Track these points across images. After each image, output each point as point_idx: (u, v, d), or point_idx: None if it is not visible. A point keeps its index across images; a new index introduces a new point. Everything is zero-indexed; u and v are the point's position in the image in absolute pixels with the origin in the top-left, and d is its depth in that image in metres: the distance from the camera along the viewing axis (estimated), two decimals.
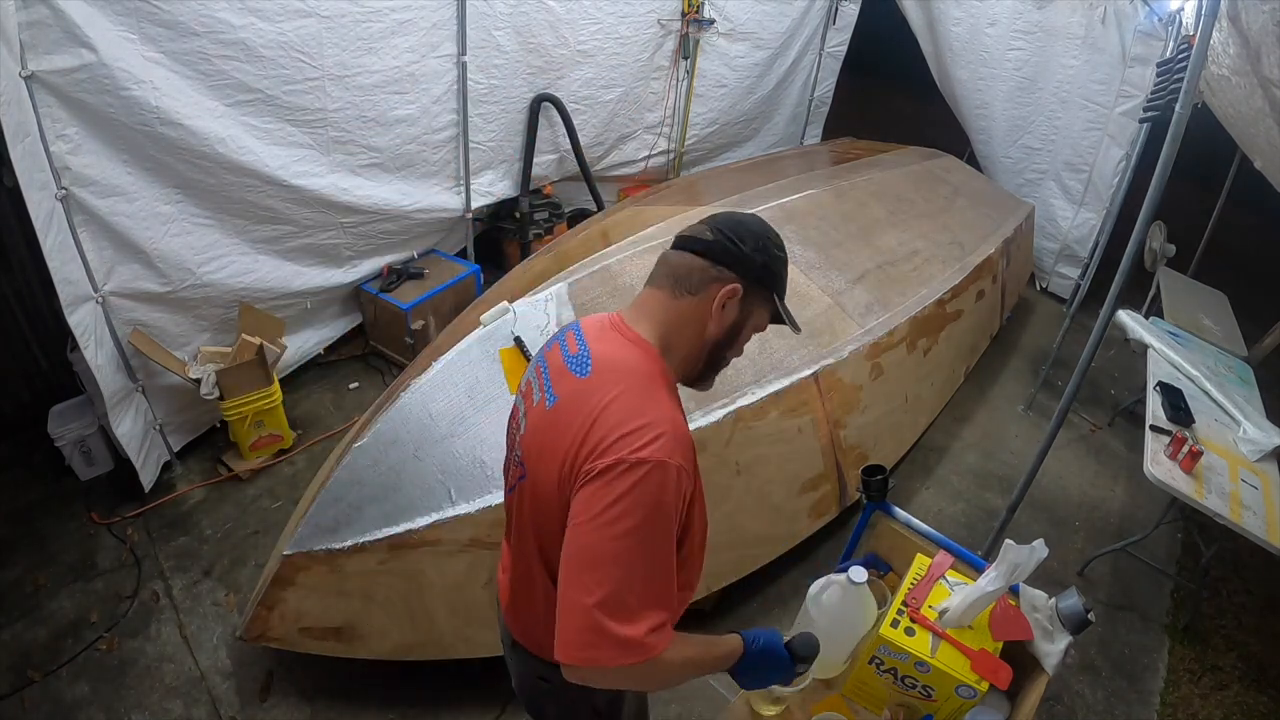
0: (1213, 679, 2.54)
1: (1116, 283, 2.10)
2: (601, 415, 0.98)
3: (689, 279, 1.09)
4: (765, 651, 1.15)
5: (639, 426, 0.96)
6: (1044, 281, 4.99)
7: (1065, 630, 1.44)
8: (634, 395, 1.00)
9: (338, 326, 3.50)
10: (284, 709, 2.12)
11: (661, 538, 0.96)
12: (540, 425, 1.08)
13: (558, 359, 1.12)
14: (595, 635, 0.91)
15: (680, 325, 1.10)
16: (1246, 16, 1.89)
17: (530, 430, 1.12)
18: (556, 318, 2.28)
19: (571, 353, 1.10)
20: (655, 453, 0.94)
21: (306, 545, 1.93)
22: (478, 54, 3.32)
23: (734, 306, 1.10)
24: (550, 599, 1.01)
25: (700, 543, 1.14)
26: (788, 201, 3.13)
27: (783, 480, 2.39)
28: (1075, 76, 4.27)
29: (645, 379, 1.05)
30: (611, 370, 1.04)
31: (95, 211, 2.30)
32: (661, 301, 1.11)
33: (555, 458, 1.01)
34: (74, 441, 2.67)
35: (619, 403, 0.99)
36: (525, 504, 1.11)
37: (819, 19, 5.07)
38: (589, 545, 0.94)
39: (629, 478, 0.93)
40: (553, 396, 1.08)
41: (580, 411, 1.00)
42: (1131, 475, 3.43)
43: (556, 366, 1.11)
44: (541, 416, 1.09)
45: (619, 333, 1.11)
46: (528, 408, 1.16)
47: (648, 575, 0.95)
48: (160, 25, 2.26)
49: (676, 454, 0.97)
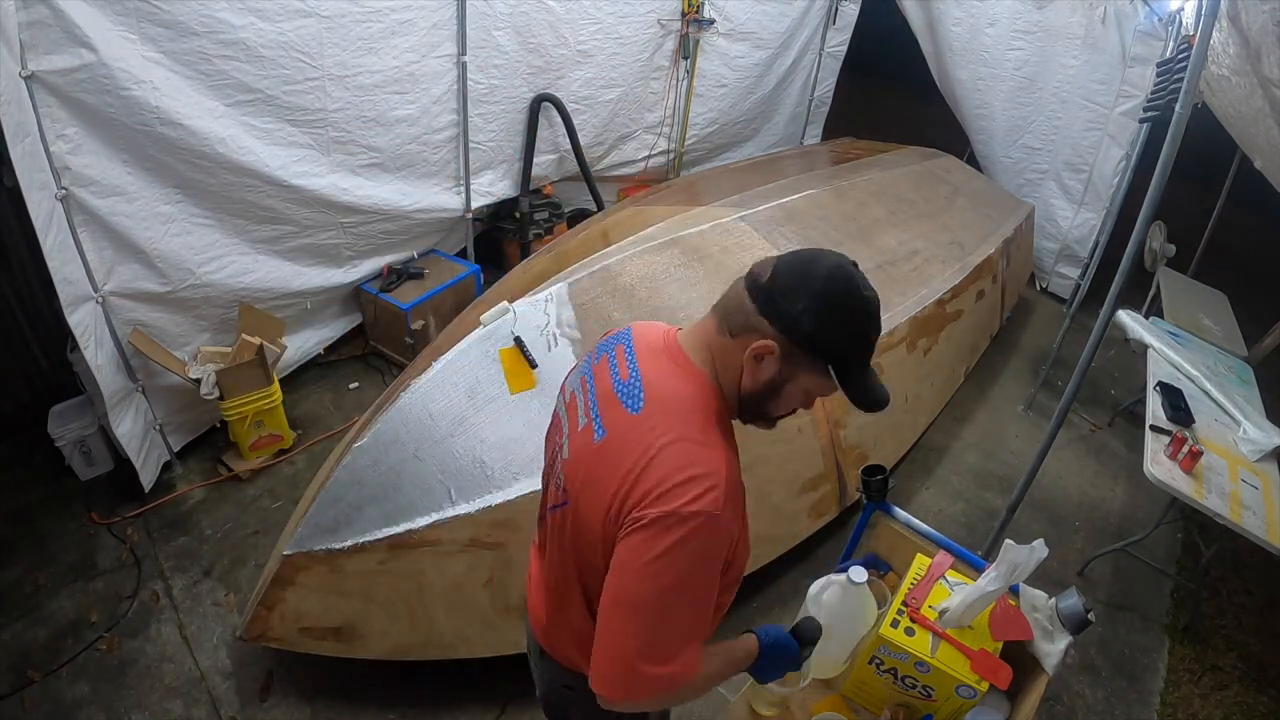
0: (1213, 679, 2.54)
1: (1116, 283, 2.10)
2: (654, 462, 0.94)
3: (732, 318, 1.00)
4: (776, 644, 1.17)
5: (692, 478, 0.92)
6: (1044, 281, 4.99)
7: (1065, 630, 1.44)
8: (688, 443, 0.95)
9: (338, 326, 3.50)
10: (284, 709, 2.12)
11: (706, 583, 0.96)
12: (586, 457, 1.04)
13: (607, 382, 1.06)
14: (634, 677, 0.93)
15: (724, 363, 1.02)
16: (1246, 16, 1.89)
17: (574, 458, 1.07)
18: (556, 318, 2.28)
19: (622, 378, 1.04)
20: (707, 506, 0.91)
21: (306, 545, 1.93)
22: (478, 54, 3.32)
23: (771, 363, 0.97)
24: (586, 622, 1.06)
25: (741, 566, 1.12)
26: (788, 201, 3.13)
27: (783, 480, 2.39)
28: (1075, 76, 4.27)
29: (701, 420, 0.98)
30: (665, 409, 0.99)
31: (95, 211, 2.30)
32: (710, 331, 1.03)
33: (602, 495, 0.98)
34: (74, 441, 2.67)
35: (673, 450, 0.94)
36: (567, 530, 1.09)
37: (819, 19, 5.07)
38: (634, 592, 0.93)
39: (678, 530, 0.91)
40: (601, 430, 1.02)
41: (631, 453, 0.96)
42: (1131, 475, 3.43)
43: (605, 392, 1.05)
44: (588, 448, 1.03)
45: (673, 359, 1.04)
46: (571, 429, 1.10)
47: (690, 618, 0.96)
48: (160, 25, 2.26)
49: (728, 507, 0.94)
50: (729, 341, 1.00)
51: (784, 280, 0.95)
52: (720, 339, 1.02)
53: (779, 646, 1.17)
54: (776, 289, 0.96)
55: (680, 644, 0.94)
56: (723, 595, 1.07)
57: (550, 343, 2.22)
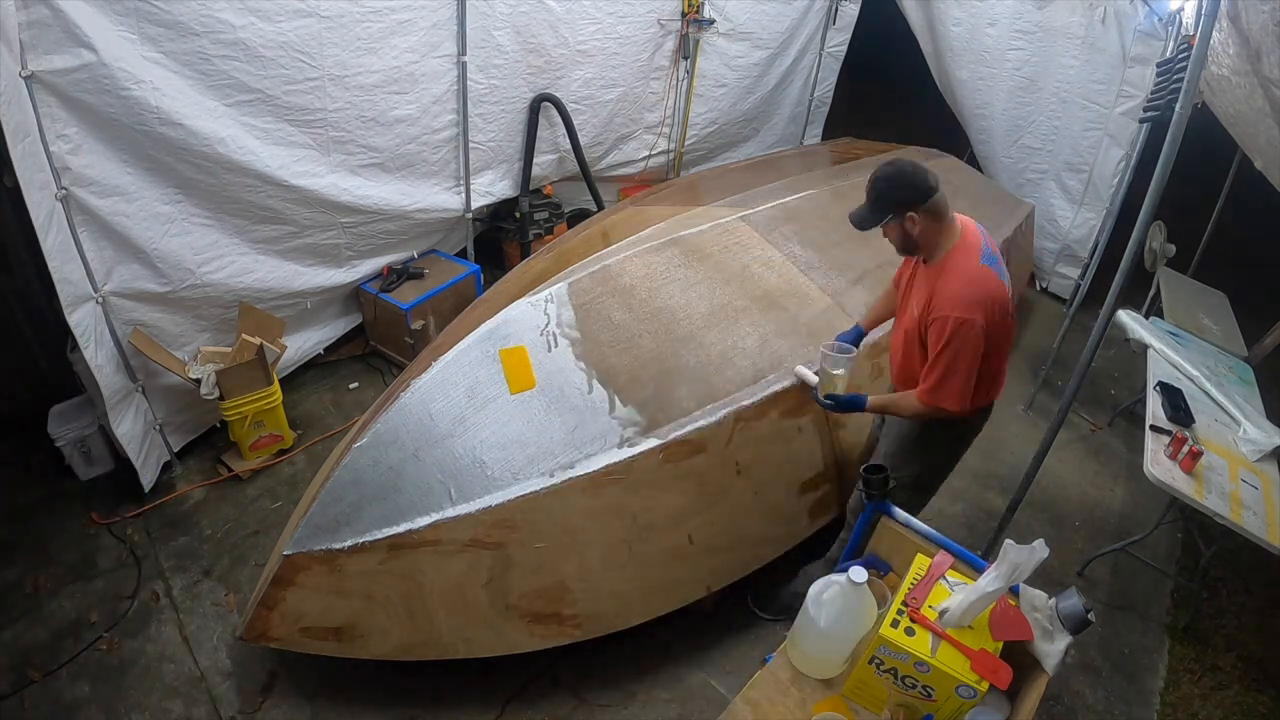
0: (1213, 679, 2.54)
1: (1116, 283, 2.10)
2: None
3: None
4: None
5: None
6: (1044, 281, 4.99)
7: (1065, 630, 1.44)
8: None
9: (338, 326, 3.50)
10: (284, 709, 2.12)
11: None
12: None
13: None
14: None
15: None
16: (1246, 16, 1.89)
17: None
18: (556, 318, 2.28)
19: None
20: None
21: (306, 545, 1.93)
22: (478, 54, 3.32)
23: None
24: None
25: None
26: (788, 201, 3.12)
27: (782, 480, 2.39)
28: (1075, 76, 4.27)
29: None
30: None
31: (95, 211, 2.30)
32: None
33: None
34: (74, 441, 2.67)
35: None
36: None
37: (819, 19, 5.07)
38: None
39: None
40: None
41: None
42: (1131, 475, 3.43)
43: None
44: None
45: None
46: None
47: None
48: (160, 25, 2.26)
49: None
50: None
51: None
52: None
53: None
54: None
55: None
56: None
57: (550, 343, 2.22)
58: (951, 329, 1.79)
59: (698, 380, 2.28)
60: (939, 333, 1.82)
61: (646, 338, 2.31)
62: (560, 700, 2.20)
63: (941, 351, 1.82)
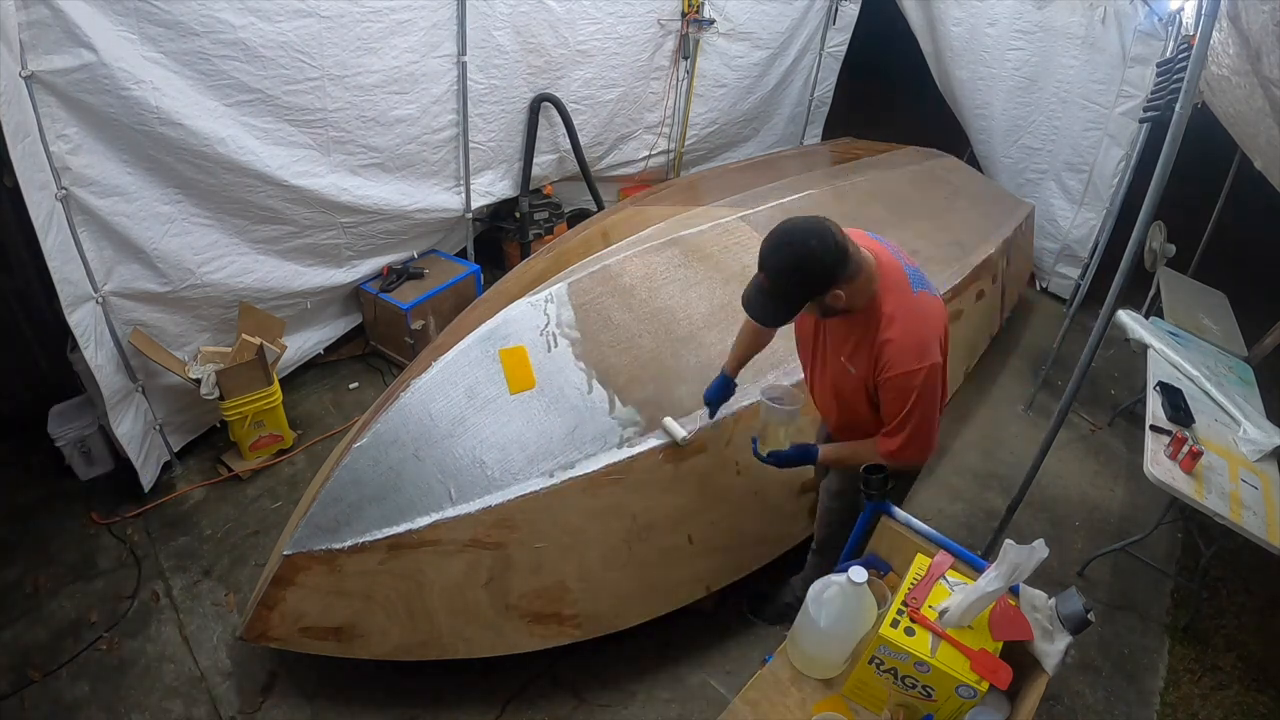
0: (1213, 679, 2.54)
1: (1116, 283, 2.10)
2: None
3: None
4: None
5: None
6: (1044, 281, 4.99)
7: (1065, 630, 1.44)
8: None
9: (338, 326, 3.50)
10: (284, 709, 2.12)
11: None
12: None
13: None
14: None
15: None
16: (1246, 16, 1.89)
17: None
18: (556, 318, 2.28)
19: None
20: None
21: (306, 545, 1.93)
22: (478, 54, 3.32)
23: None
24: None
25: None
26: (788, 201, 3.12)
27: (782, 480, 2.39)
28: (1075, 76, 4.27)
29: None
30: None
31: (95, 211, 2.30)
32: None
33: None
34: (74, 441, 2.67)
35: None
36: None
37: (819, 19, 5.07)
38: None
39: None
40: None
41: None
42: (1131, 475, 3.43)
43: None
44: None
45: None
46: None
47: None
48: (160, 25, 2.26)
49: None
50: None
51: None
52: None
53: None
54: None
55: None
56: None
57: (550, 343, 2.22)
58: (920, 381, 1.61)
59: (698, 380, 2.27)
60: (902, 390, 1.63)
61: (646, 338, 2.31)
62: (560, 700, 2.20)
63: (911, 409, 1.64)
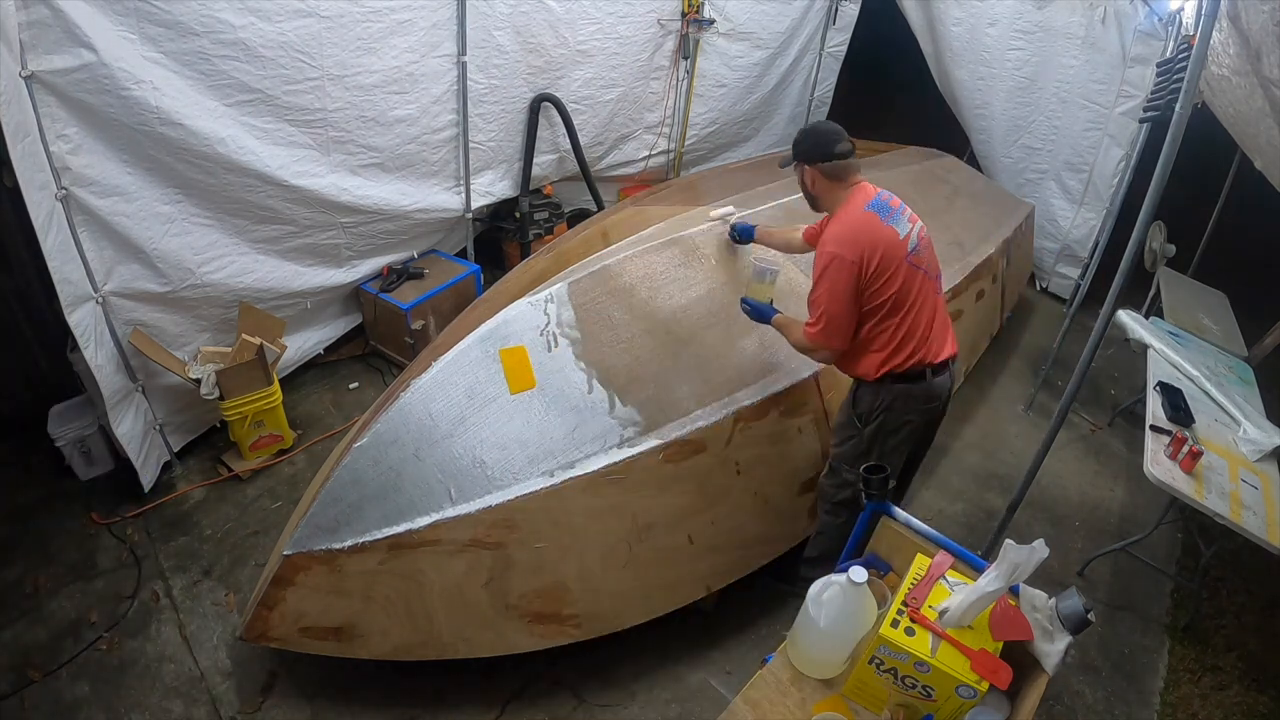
0: (1213, 679, 2.54)
1: (1116, 283, 2.10)
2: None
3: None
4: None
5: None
6: (1044, 281, 4.99)
7: (1065, 630, 1.44)
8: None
9: (338, 326, 3.50)
10: (284, 709, 2.12)
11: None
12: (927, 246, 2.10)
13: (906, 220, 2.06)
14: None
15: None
16: (1246, 16, 1.89)
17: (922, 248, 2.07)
18: (556, 318, 2.28)
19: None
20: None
21: (306, 545, 1.93)
22: (478, 54, 3.32)
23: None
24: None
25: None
26: (788, 201, 3.12)
27: (783, 480, 2.39)
28: (1075, 76, 4.27)
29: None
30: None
31: (95, 211, 2.30)
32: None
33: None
34: (74, 441, 2.67)
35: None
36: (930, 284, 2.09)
37: (819, 19, 5.07)
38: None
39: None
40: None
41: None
42: (1131, 475, 3.43)
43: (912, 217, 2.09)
44: (926, 242, 2.10)
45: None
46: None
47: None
48: (160, 25, 2.26)
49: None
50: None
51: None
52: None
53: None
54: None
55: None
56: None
57: (550, 343, 2.22)
58: (823, 263, 1.94)
59: (698, 380, 2.28)
60: (815, 270, 1.98)
61: (646, 338, 2.31)
62: (560, 700, 2.20)
63: (815, 287, 1.97)
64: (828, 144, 2.01)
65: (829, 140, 2.02)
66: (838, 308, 1.95)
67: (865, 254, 1.91)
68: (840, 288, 1.93)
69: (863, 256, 1.91)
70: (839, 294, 1.93)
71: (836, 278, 1.92)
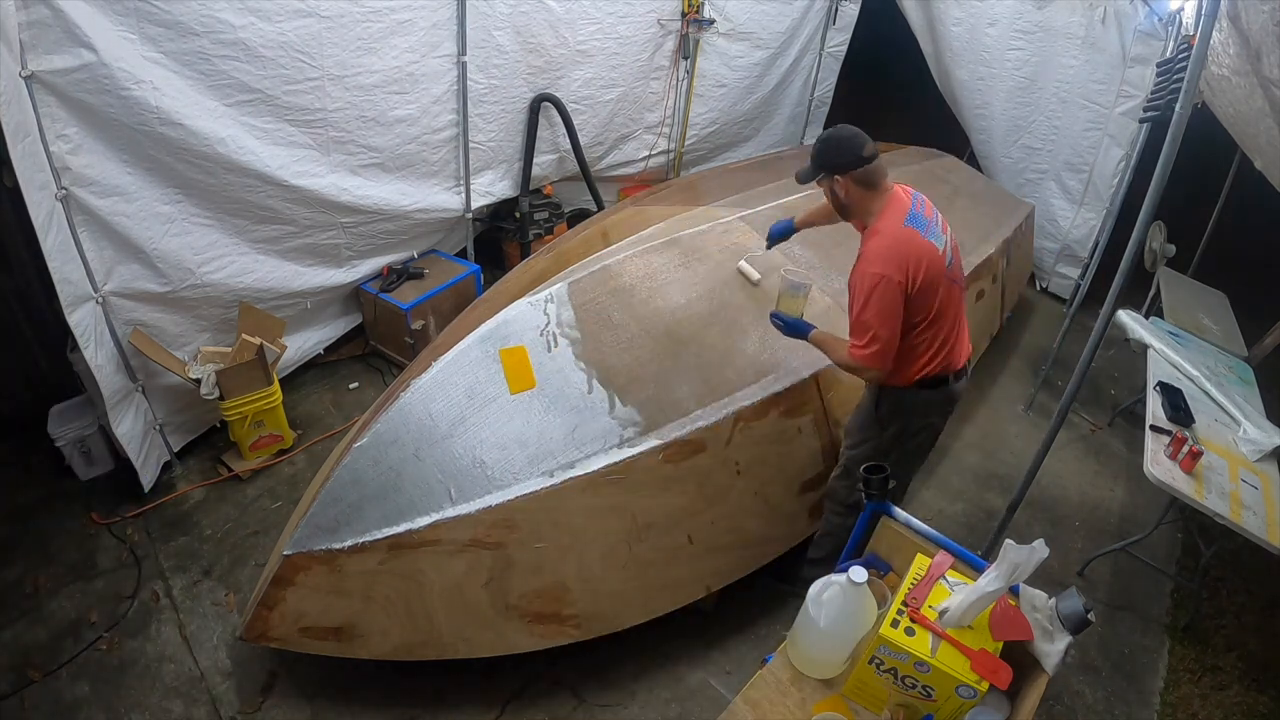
0: (1213, 679, 2.54)
1: (1116, 283, 2.10)
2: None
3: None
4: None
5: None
6: (1044, 281, 4.99)
7: (1065, 630, 1.44)
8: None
9: (338, 326, 3.50)
10: (284, 709, 2.12)
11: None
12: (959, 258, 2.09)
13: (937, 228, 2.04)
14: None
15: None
16: (1246, 16, 1.89)
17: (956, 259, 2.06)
18: (556, 318, 2.28)
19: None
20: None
21: (306, 545, 1.93)
22: (478, 54, 3.32)
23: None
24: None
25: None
26: (788, 201, 3.12)
27: (783, 480, 2.39)
28: (1075, 76, 4.27)
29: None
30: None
31: (95, 211, 2.30)
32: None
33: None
34: (74, 441, 2.67)
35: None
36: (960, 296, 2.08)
37: (819, 19, 5.07)
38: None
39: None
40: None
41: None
42: (1131, 475, 3.43)
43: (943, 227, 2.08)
44: (957, 253, 2.09)
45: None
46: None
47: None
48: (160, 25, 2.26)
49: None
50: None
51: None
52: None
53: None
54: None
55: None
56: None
57: (550, 343, 2.22)
58: (870, 284, 1.87)
59: (698, 380, 2.28)
60: (854, 287, 1.92)
61: (646, 338, 2.31)
62: (560, 700, 2.20)
63: (863, 309, 1.89)
64: (854, 149, 1.97)
65: (854, 145, 1.97)
66: (888, 331, 1.89)
67: (911, 273, 1.87)
68: (890, 310, 1.88)
69: (909, 276, 1.87)
70: (889, 316, 1.88)
71: (885, 299, 1.86)
